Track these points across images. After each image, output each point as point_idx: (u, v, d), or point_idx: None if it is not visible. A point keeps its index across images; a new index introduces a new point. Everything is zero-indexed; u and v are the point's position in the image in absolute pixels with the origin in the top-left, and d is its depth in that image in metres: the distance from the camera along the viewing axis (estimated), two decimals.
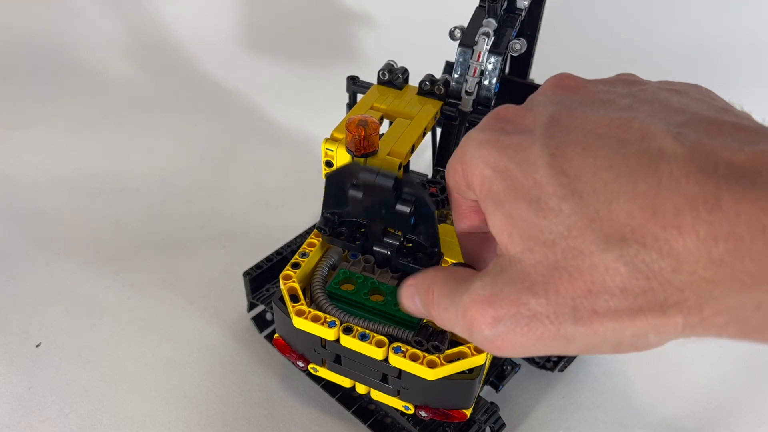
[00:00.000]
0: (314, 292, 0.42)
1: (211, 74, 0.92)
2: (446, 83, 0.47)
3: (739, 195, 0.21)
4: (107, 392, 0.52)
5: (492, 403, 0.46)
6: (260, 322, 0.57)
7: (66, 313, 0.58)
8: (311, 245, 0.43)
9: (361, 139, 0.38)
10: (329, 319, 0.39)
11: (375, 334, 0.39)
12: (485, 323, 0.26)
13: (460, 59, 0.47)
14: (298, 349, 0.43)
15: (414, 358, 0.37)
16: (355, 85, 0.52)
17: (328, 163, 0.42)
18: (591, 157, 0.24)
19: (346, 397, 0.51)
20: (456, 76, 0.47)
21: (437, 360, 0.37)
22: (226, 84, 0.90)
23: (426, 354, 0.38)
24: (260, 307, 0.56)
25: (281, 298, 0.41)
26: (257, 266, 0.54)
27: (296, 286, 0.41)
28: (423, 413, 0.41)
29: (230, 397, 0.52)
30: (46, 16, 0.95)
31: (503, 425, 0.47)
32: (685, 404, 0.52)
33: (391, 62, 0.49)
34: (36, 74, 0.91)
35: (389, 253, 0.38)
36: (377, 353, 0.38)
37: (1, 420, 0.49)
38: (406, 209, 0.35)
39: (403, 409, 0.41)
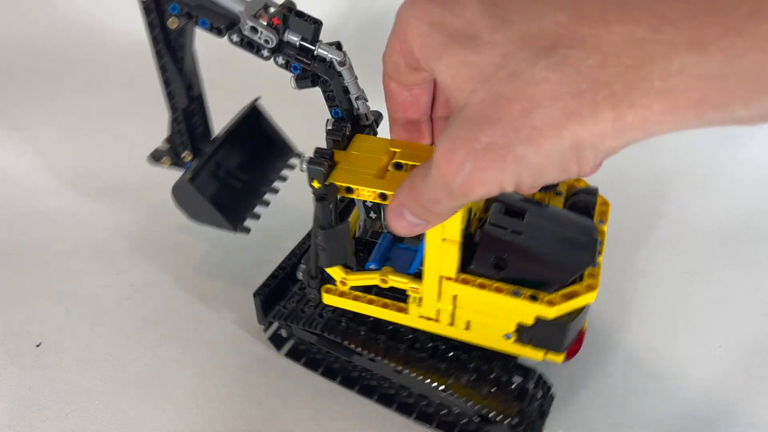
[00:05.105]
0: None
1: (212, 74, 0.92)
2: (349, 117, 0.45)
3: None
4: (107, 392, 0.52)
5: (531, 369, 0.48)
6: (277, 341, 0.55)
7: (66, 313, 0.58)
8: None
9: None
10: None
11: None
12: (453, 171, 0.27)
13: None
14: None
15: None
16: None
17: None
18: None
19: (348, 379, 0.53)
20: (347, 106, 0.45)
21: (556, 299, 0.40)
22: (226, 84, 0.90)
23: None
24: (272, 323, 0.55)
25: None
26: (265, 285, 0.53)
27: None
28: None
29: (230, 397, 0.52)
30: (46, 16, 0.95)
31: (550, 388, 0.49)
32: (685, 404, 0.52)
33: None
34: (36, 74, 0.91)
35: None
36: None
37: (1, 420, 0.49)
38: None
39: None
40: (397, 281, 0.43)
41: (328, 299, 0.47)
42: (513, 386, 0.46)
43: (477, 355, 0.48)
